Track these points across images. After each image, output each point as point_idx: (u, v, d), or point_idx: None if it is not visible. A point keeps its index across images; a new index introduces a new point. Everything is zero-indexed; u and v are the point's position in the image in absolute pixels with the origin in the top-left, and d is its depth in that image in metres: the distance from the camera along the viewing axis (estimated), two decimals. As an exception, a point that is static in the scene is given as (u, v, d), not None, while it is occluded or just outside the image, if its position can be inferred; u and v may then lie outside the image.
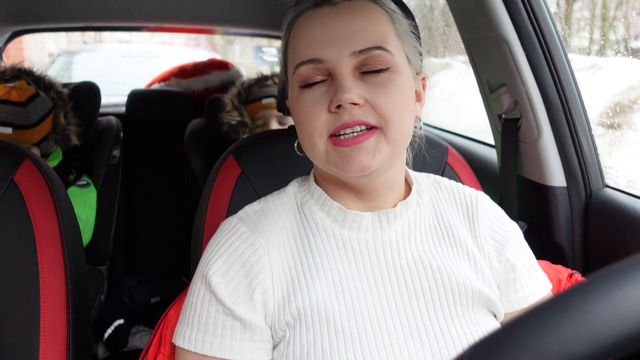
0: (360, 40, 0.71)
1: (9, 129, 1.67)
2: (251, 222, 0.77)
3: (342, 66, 0.71)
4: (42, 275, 0.94)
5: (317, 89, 0.73)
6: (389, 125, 0.71)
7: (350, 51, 0.71)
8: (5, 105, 1.68)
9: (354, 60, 0.71)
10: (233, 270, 0.73)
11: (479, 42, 1.37)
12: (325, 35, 0.72)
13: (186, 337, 0.73)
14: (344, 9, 0.73)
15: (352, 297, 0.73)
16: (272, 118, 1.96)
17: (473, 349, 0.35)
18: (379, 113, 0.70)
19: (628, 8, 2.33)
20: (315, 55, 0.72)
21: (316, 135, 0.72)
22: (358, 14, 0.73)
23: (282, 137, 1.11)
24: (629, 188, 1.28)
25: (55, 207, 0.99)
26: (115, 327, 2.26)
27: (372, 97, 0.70)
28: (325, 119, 0.71)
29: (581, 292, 0.34)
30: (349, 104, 0.69)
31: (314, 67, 0.72)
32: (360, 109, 0.70)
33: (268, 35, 3.09)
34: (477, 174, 1.22)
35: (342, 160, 0.71)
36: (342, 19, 0.72)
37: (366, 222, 0.77)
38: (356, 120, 0.69)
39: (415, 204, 0.81)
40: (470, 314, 0.75)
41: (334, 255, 0.76)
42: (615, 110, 1.76)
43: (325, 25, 0.72)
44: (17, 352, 0.90)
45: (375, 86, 0.71)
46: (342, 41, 0.71)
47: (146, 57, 4.63)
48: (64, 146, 1.86)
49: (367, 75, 0.72)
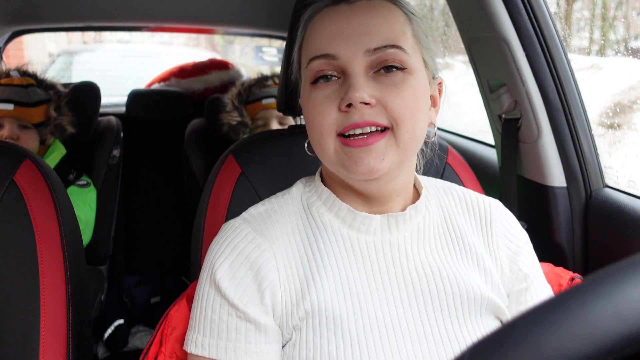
0: (376, 37, 0.70)
1: (11, 106, 1.76)
2: (256, 223, 0.76)
3: (356, 64, 0.69)
4: (42, 275, 0.94)
5: (329, 86, 0.71)
6: (400, 127, 0.69)
7: (365, 49, 0.69)
8: (8, 87, 1.80)
9: (367, 58, 0.70)
10: (241, 273, 0.71)
11: (479, 42, 1.37)
12: (339, 32, 0.71)
13: (199, 343, 0.72)
14: (361, 6, 0.72)
15: (359, 300, 0.72)
16: (273, 118, 1.96)
17: (473, 348, 0.35)
18: (390, 114, 0.69)
19: (628, 8, 2.33)
20: (328, 51, 0.71)
21: (325, 134, 0.71)
22: (375, 12, 0.71)
23: (282, 137, 1.11)
24: (629, 188, 1.28)
25: (55, 207, 0.99)
26: (115, 327, 2.26)
27: (384, 98, 0.69)
28: (335, 118, 0.70)
29: (581, 292, 0.34)
30: (360, 103, 0.68)
31: (327, 63, 0.71)
32: (372, 109, 0.69)
33: (268, 35, 3.09)
34: (477, 174, 1.22)
35: (350, 161, 0.69)
36: (358, 16, 0.71)
37: (375, 224, 0.76)
38: (366, 121, 0.68)
39: (424, 208, 0.80)
40: (477, 319, 0.75)
41: (342, 257, 0.75)
42: (615, 110, 1.76)
43: (341, 21, 0.71)
44: (17, 351, 0.90)
45: (388, 87, 0.70)
46: (357, 38, 0.70)
47: (146, 57, 4.63)
48: (60, 136, 1.89)
49: (381, 76, 0.70)
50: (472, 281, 0.76)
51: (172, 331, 0.85)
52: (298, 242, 0.76)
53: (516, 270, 0.81)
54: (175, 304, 0.90)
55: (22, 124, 1.78)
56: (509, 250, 0.82)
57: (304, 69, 0.75)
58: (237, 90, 2.06)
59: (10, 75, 1.85)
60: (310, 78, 0.73)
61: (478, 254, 0.79)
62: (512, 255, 0.82)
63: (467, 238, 0.80)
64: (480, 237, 0.82)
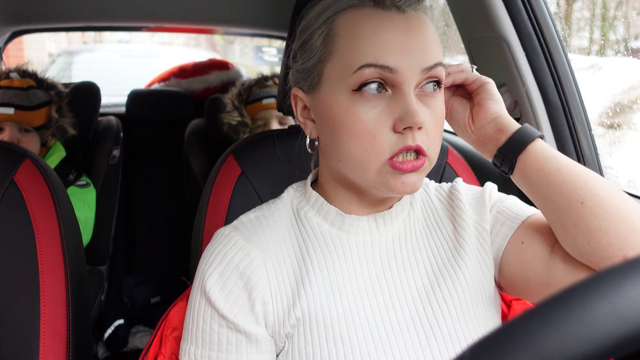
0: (431, 55, 0.68)
1: (11, 109, 1.75)
2: (246, 231, 0.74)
3: (412, 81, 0.67)
4: (42, 275, 0.94)
5: (377, 100, 0.67)
6: (433, 153, 0.70)
7: (423, 67, 0.67)
8: (8, 90, 1.78)
9: (422, 76, 0.67)
10: (231, 283, 0.70)
11: (479, 42, 1.37)
12: (399, 45, 0.66)
13: (191, 354, 0.72)
14: (415, 18, 0.68)
15: (349, 303, 0.72)
16: (273, 118, 1.96)
17: (473, 348, 0.35)
18: (431, 140, 0.69)
19: (628, 8, 2.33)
20: (387, 63, 0.66)
21: (375, 157, 0.67)
22: (426, 26, 0.69)
23: (282, 137, 1.11)
24: (629, 188, 1.28)
25: (55, 207, 0.99)
26: (115, 327, 2.26)
27: (427, 123, 0.68)
28: (389, 140, 0.67)
29: (581, 292, 0.34)
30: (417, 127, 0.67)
31: (381, 74, 0.66)
32: (420, 133, 0.67)
33: (268, 35, 3.09)
34: (477, 174, 1.22)
35: (397, 181, 0.68)
36: (415, 30, 0.67)
37: (363, 225, 0.76)
38: (418, 146, 0.67)
39: (408, 204, 0.80)
40: (471, 312, 0.74)
41: (332, 260, 0.74)
42: (615, 110, 1.76)
43: (399, 33, 0.67)
44: (17, 352, 0.90)
45: (430, 109, 0.69)
46: (417, 55, 0.67)
47: (146, 57, 4.64)
48: (62, 138, 1.89)
49: (424, 96, 0.69)
50: (459, 274, 0.75)
51: (171, 332, 0.85)
52: (289, 247, 0.75)
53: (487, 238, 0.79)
54: (175, 304, 0.90)
55: (23, 127, 1.78)
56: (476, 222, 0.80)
57: (350, 73, 0.67)
58: (237, 91, 2.06)
59: (10, 76, 1.84)
60: (354, 85, 0.67)
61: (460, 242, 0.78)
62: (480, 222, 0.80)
63: (446, 228, 0.80)
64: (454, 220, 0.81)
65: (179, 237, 2.69)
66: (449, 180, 1.02)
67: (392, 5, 0.68)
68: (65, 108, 1.91)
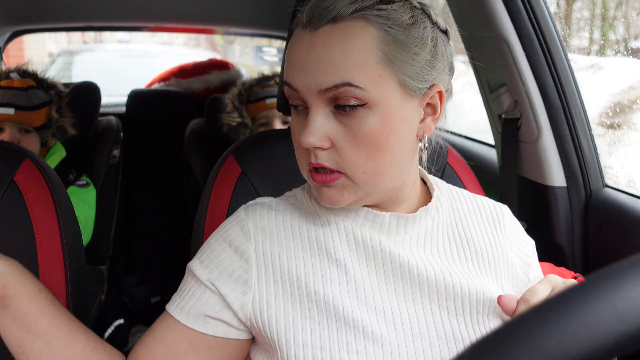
0: (327, 77, 0.65)
1: (12, 110, 1.74)
2: (253, 211, 0.77)
3: (313, 102, 0.67)
4: (42, 275, 0.94)
5: (300, 116, 0.71)
6: (353, 170, 0.68)
7: (318, 89, 0.66)
8: (8, 90, 1.77)
9: (323, 97, 0.66)
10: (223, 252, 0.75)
11: (479, 42, 1.37)
12: (299, 64, 0.67)
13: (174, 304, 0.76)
14: (322, 36, 0.66)
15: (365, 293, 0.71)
16: (276, 118, 1.94)
17: (473, 348, 0.35)
18: (342, 159, 0.67)
19: (628, 8, 2.33)
20: (290, 82, 0.69)
21: (302, 167, 0.73)
22: (333, 43, 0.65)
23: (282, 137, 1.11)
24: (629, 188, 1.28)
25: (55, 207, 0.99)
26: (115, 327, 2.26)
27: (338, 142, 0.67)
28: (305, 154, 0.71)
29: (581, 292, 0.34)
30: (313, 147, 0.67)
31: (291, 91, 0.69)
32: (325, 153, 0.68)
33: (268, 35, 3.09)
34: (477, 174, 1.22)
35: (317, 191, 0.72)
36: (316, 49, 0.66)
37: (382, 221, 0.75)
38: (319, 164, 0.68)
39: (434, 210, 0.79)
40: (485, 321, 0.73)
41: (350, 251, 0.74)
42: (615, 110, 1.76)
43: (301, 52, 0.67)
44: (17, 352, 0.90)
45: (345, 127, 0.67)
46: (312, 76, 0.66)
47: (146, 57, 4.63)
48: (62, 138, 1.88)
49: (341, 114, 0.67)
50: (481, 283, 0.74)
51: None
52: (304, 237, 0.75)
53: (526, 282, 0.82)
54: (175, 304, 0.90)
55: (23, 127, 1.78)
56: (519, 259, 0.82)
57: None
58: (237, 90, 2.05)
59: (10, 76, 1.84)
60: None
61: (489, 257, 0.78)
62: (523, 266, 0.82)
63: (478, 241, 0.79)
64: (492, 238, 0.81)
65: (179, 237, 2.69)
66: (449, 180, 1.01)
67: (307, 22, 0.68)
68: (65, 108, 1.90)
